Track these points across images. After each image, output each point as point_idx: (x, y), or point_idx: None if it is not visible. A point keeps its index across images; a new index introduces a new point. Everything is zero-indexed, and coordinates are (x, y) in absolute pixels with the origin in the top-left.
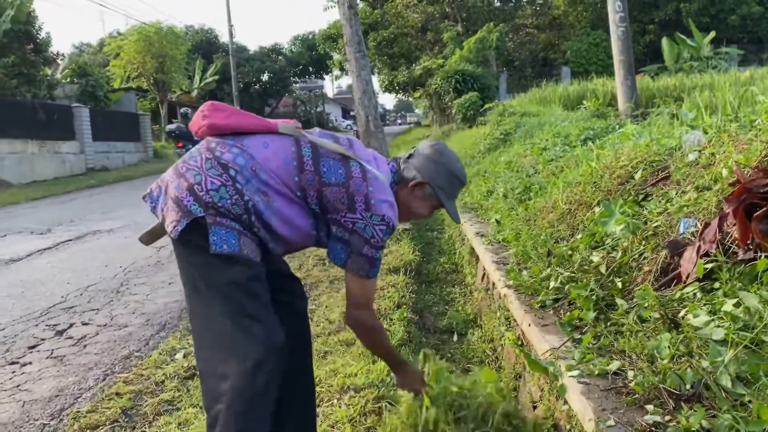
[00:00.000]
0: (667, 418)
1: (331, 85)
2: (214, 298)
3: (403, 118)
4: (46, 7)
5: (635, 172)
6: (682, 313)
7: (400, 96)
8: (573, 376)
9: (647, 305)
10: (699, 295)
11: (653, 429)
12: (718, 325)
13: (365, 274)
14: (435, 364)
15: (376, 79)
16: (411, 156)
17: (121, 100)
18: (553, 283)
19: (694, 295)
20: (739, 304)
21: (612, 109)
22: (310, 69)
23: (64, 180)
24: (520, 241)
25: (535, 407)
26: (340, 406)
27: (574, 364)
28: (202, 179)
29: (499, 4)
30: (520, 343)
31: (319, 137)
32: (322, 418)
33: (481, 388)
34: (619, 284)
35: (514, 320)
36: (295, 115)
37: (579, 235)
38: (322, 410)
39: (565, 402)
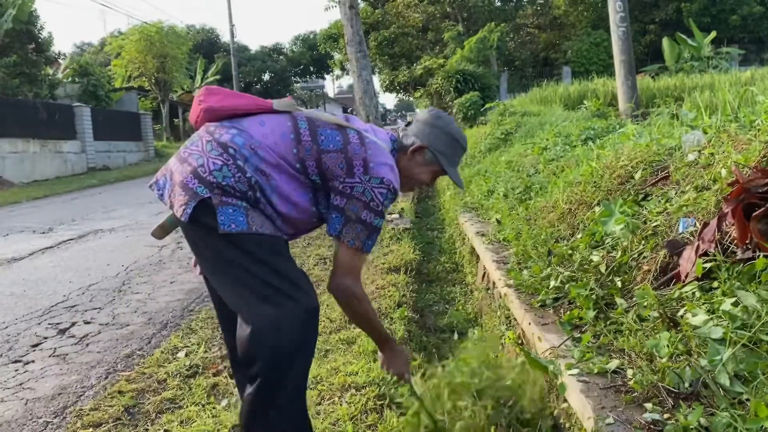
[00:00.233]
0: (666, 416)
1: (332, 84)
2: (236, 273)
3: (404, 118)
4: (48, 7)
5: (635, 171)
6: (681, 312)
7: (401, 96)
8: (572, 374)
9: (646, 304)
10: (698, 295)
11: (652, 427)
12: (717, 324)
13: (360, 245)
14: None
15: (377, 79)
16: (409, 124)
17: (122, 99)
18: (553, 283)
19: (693, 294)
20: (737, 303)
21: (613, 109)
22: (311, 69)
23: (66, 179)
24: (521, 241)
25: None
26: (341, 405)
27: (574, 363)
28: (205, 161)
29: (500, 4)
30: (520, 341)
31: (317, 112)
32: (324, 417)
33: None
34: (619, 283)
35: (515, 319)
36: None
37: (579, 235)
38: (323, 408)
39: (565, 400)
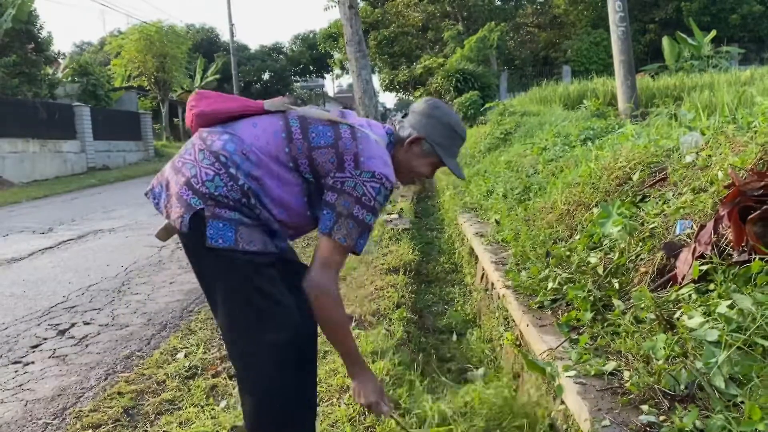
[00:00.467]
0: (662, 418)
1: (332, 84)
2: (220, 287)
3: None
4: (48, 6)
5: (633, 173)
6: (678, 314)
7: (401, 95)
8: (570, 376)
9: (643, 306)
10: (694, 297)
11: (648, 429)
12: (713, 327)
13: (352, 243)
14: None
15: (377, 78)
16: (406, 115)
17: (121, 99)
18: (551, 284)
19: (690, 296)
20: (733, 306)
21: (612, 109)
22: (311, 68)
23: (66, 179)
24: (519, 242)
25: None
26: (339, 406)
27: (571, 365)
28: (197, 171)
29: (499, 3)
30: (518, 343)
31: (312, 109)
32: (322, 417)
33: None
34: (616, 285)
35: (513, 320)
36: None
37: (577, 236)
38: (322, 409)
39: (562, 402)
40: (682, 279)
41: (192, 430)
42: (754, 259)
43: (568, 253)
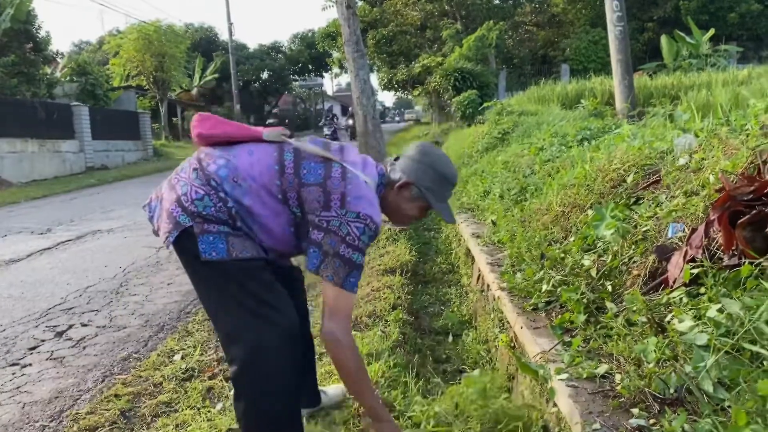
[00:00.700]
0: (652, 421)
1: (331, 82)
2: (217, 297)
3: (401, 116)
4: (46, 6)
5: (627, 175)
6: (669, 317)
7: (400, 94)
8: (562, 379)
9: (635, 309)
10: (685, 300)
11: None
12: (702, 331)
13: (340, 282)
14: None
15: (376, 77)
16: (398, 158)
17: (120, 98)
18: (545, 286)
19: (681, 299)
20: (722, 310)
21: (610, 108)
22: (310, 67)
23: (64, 179)
24: (515, 243)
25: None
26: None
27: (564, 367)
28: (188, 189)
29: (498, 2)
30: (513, 345)
31: (309, 144)
32: (318, 420)
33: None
34: (609, 288)
35: (508, 322)
36: (295, 112)
37: (572, 238)
38: (316, 412)
39: (555, 404)
40: (674, 282)
41: None
42: (744, 263)
43: (563, 255)
